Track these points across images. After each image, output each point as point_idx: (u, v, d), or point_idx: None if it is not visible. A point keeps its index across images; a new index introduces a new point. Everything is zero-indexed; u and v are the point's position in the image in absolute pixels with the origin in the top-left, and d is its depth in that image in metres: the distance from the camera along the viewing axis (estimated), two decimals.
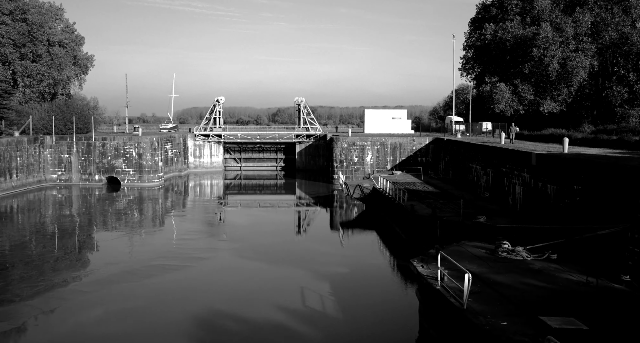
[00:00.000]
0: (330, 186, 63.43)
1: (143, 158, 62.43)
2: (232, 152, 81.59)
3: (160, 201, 57.98)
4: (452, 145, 56.99)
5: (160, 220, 47.92)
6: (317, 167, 78.37)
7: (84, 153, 62.26)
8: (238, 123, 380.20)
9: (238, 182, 77.75)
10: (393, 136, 63.81)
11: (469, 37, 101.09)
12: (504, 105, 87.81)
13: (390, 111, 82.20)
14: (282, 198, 66.63)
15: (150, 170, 62.75)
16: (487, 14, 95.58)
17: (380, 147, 62.84)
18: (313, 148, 78.51)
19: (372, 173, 62.76)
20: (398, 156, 62.81)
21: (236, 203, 64.44)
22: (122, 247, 35.26)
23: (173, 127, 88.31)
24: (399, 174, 54.63)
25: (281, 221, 46.76)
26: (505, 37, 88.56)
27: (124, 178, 62.48)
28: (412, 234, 34.49)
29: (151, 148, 62.78)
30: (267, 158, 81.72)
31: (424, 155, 62.73)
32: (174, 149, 73.39)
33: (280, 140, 78.83)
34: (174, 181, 71.60)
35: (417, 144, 62.81)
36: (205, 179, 76.35)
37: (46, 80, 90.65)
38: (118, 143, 62.39)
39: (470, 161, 50.92)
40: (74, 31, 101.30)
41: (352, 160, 62.69)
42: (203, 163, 78.77)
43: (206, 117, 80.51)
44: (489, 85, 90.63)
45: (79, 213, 50.81)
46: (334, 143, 63.17)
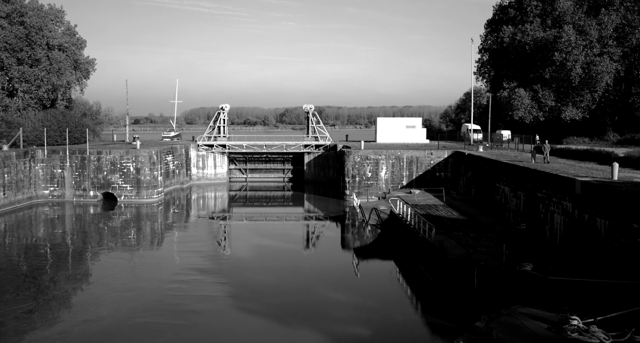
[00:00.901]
0: (341, 203, 58.20)
1: (141, 172, 57.40)
2: (237, 162, 76.50)
3: (159, 220, 52.99)
4: (474, 161, 51.62)
5: (156, 245, 42.96)
6: (326, 179, 73.13)
7: (78, 168, 57.31)
8: (245, 124, 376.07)
9: (243, 194, 72.74)
10: (409, 149, 58.44)
11: (485, 40, 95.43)
12: (524, 112, 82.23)
13: (404, 119, 76.74)
14: (290, 212, 61.65)
15: (149, 185, 57.73)
16: (505, 15, 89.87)
17: (395, 161, 57.53)
18: (322, 159, 73.26)
19: (387, 188, 57.53)
20: (415, 171, 57.51)
21: (241, 217, 59.78)
22: (106, 291, 30.11)
23: (176, 135, 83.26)
24: (418, 194, 49.39)
25: (289, 247, 41.55)
26: (525, 40, 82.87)
27: (120, 194, 57.49)
28: (442, 278, 29.23)
29: (150, 162, 57.73)
30: (274, 168, 76.55)
31: (443, 170, 57.38)
32: (175, 161, 68.32)
33: (288, 150, 73.61)
34: (176, 195, 66.62)
35: (435, 158, 57.44)
36: (209, 192, 71.35)
37: (45, 85, 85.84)
38: (114, 157, 57.37)
39: (497, 181, 45.59)
40: (75, 34, 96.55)
41: (365, 175, 57.43)
42: (206, 175, 73.70)
43: (210, 125, 75.36)
44: (507, 90, 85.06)
45: (70, 234, 46.44)
46: (345, 157, 57.92)
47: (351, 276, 35.19)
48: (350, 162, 57.65)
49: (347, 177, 57.88)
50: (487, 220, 39.15)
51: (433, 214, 39.84)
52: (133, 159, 57.34)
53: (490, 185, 46.83)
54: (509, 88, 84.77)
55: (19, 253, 40.30)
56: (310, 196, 67.01)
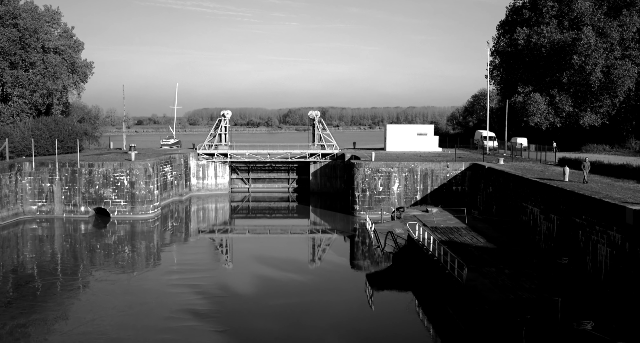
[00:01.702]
0: (350, 219, 53.45)
1: (136, 186, 52.72)
2: (240, 171, 71.80)
3: (154, 239, 48.43)
4: (495, 176, 46.82)
5: (149, 270, 38.28)
6: (333, 189, 68.38)
7: (68, 181, 52.65)
8: (248, 125, 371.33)
9: (246, 205, 68.13)
10: (424, 162, 53.62)
11: (497, 42, 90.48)
12: (540, 117, 77.33)
13: (415, 126, 71.89)
14: (295, 225, 57.19)
15: (144, 200, 53.06)
16: (519, 16, 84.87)
17: (408, 174, 52.76)
18: (329, 168, 68.51)
19: (400, 203, 52.79)
20: (429, 185, 52.75)
21: (244, 230, 55.44)
22: (90, 332, 25.43)
23: (175, 142, 78.54)
24: (436, 213, 44.63)
25: (294, 272, 36.84)
26: (541, 43, 77.88)
27: (113, 210, 52.84)
28: (477, 328, 24.50)
29: (145, 175, 53.06)
30: (278, 178, 71.83)
31: (460, 183, 52.61)
32: (174, 171, 63.66)
33: (293, 159, 68.88)
34: (174, 208, 62.00)
35: (451, 170, 52.64)
36: (210, 203, 66.72)
37: (40, 90, 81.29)
38: (107, 170, 52.70)
39: (524, 200, 40.80)
40: (72, 36, 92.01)
41: (376, 189, 52.68)
42: (207, 185, 69.00)
43: (210, 133, 70.64)
44: (521, 95, 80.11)
45: (57, 255, 42.21)
46: (355, 169, 53.17)
47: (365, 308, 30.61)
48: (360, 175, 52.91)
49: (356, 191, 53.14)
50: (518, 248, 34.36)
51: (457, 240, 35.10)
52: (127, 172, 52.68)
53: (516, 204, 42.05)
54: (523, 93, 79.86)
55: (3, 274, 35.84)
56: (316, 210, 62.25)
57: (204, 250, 46.38)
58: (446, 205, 52.11)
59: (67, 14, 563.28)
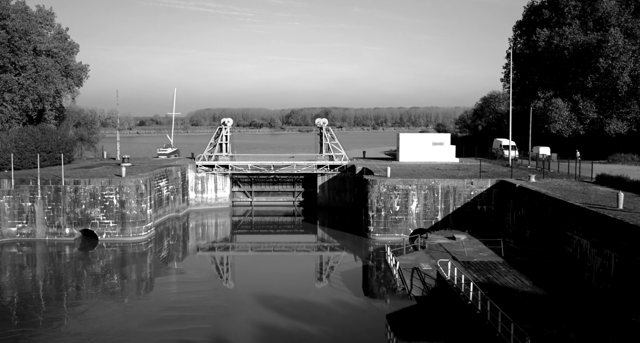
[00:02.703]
0: (364, 242, 47.43)
1: (126, 206, 46.77)
2: (242, 184, 65.77)
3: (147, 262, 42.67)
4: (529, 196, 40.78)
5: (140, 296, 32.39)
6: (342, 204, 62.34)
7: (52, 200, 46.70)
8: (251, 126, 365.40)
9: (248, 219, 62.29)
10: (445, 178, 47.55)
11: (514, 44, 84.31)
12: (562, 124, 71.21)
13: (430, 135, 65.74)
14: (301, 241, 51.60)
15: (136, 221, 47.11)
16: (538, 16, 78.58)
17: (428, 192, 46.73)
18: (338, 181, 62.47)
19: (418, 224, 46.80)
20: (451, 204, 46.73)
21: (246, 247, 50.17)
22: None
23: (173, 152, 72.47)
24: (465, 241, 38.62)
25: (302, 307, 30.99)
26: (563, 45, 71.63)
27: (102, 232, 46.88)
28: None
29: (137, 193, 47.08)
30: (282, 191, 65.79)
31: (485, 202, 46.58)
32: (170, 185, 57.68)
33: (299, 171, 62.84)
34: (170, 225, 56.09)
35: (476, 188, 46.60)
36: (209, 218, 60.83)
37: (30, 95, 75.38)
38: (94, 188, 46.72)
39: (568, 228, 34.75)
40: (66, 38, 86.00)
41: (392, 208, 46.67)
42: (206, 199, 62.98)
43: (210, 142, 64.57)
44: (542, 100, 74.02)
45: (39, 282, 37.07)
46: (369, 186, 47.16)
47: None
48: (375, 193, 46.89)
49: (370, 211, 47.11)
50: (573, 294, 28.37)
51: (497, 282, 29.15)
52: (117, 190, 46.71)
53: (557, 232, 36.01)
54: (544, 98, 73.74)
55: None
56: (324, 228, 56.20)
57: (201, 270, 41.22)
58: (470, 227, 46.14)
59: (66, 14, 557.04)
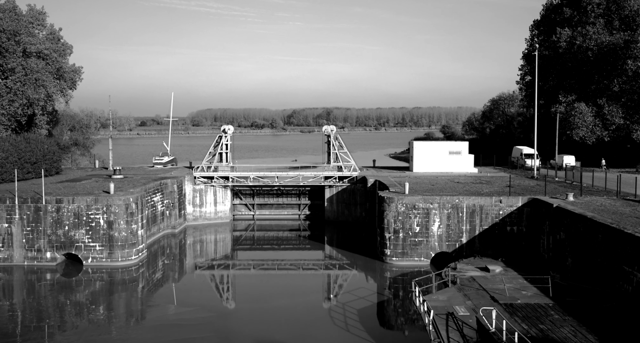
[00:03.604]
0: (379, 267, 41.82)
1: (114, 227, 41.21)
2: (243, 196, 60.17)
3: (137, 293, 37.16)
4: (571, 220, 35.19)
5: (129, 327, 27.09)
6: (352, 218, 56.76)
7: (31, 221, 41.13)
8: (253, 126, 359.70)
9: (250, 235, 56.87)
10: (470, 196, 41.91)
11: (531, 44, 78.65)
12: (585, 131, 65.56)
13: (447, 143, 60.05)
14: (306, 258, 46.14)
15: (125, 243, 41.56)
16: (559, 15, 72.81)
17: (452, 211, 41.16)
18: (347, 194, 56.88)
19: (440, 247, 41.24)
20: (477, 224, 41.17)
21: (248, 264, 46.11)
22: None
23: (170, 160, 66.79)
24: (501, 274, 33.04)
25: None
26: (587, 45, 65.91)
27: (87, 256, 41.32)
28: None
29: (126, 213, 41.51)
30: (287, 203, 60.17)
31: (516, 223, 41.00)
32: (165, 200, 52.12)
33: (305, 183, 57.25)
34: (166, 243, 50.60)
35: (505, 206, 41.02)
36: (208, 234, 55.36)
37: (19, 100, 69.92)
38: (79, 207, 41.15)
39: (626, 262, 29.13)
40: (59, 39, 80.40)
41: (411, 229, 41.12)
42: (205, 213, 57.37)
43: (209, 151, 58.91)
44: (563, 104, 68.37)
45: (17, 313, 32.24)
46: (385, 205, 41.58)
47: None
48: (392, 212, 41.31)
49: (387, 232, 41.55)
50: None
51: (554, 337, 23.61)
52: (104, 209, 41.14)
53: (611, 265, 30.44)
54: (565, 102, 68.08)
55: None
56: (333, 247, 50.62)
57: (199, 292, 36.66)
58: (499, 250, 40.59)
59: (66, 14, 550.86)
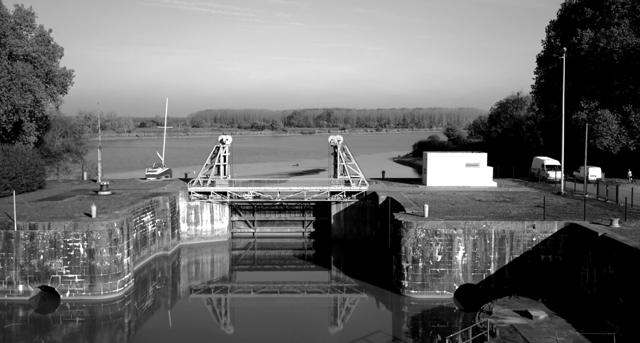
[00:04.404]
0: (394, 300, 36.46)
1: (96, 256, 35.81)
2: (243, 212, 54.70)
3: (121, 331, 31.93)
4: (622, 253, 29.78)
5: None
6: (361, 237, 51.37)
7: (1, 250, 35.68)
8: (253, 128, 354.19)
9: (250, 254, 51.65)
10: (500, 221, 36.45)
11: (548, 47, 73.22)
12: (610, 139, 60.13)
13: (463, 155, 54.57)
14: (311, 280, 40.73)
15: (109, 274, 36.15)
16: (579, 16, 67.27)
17: (478, 237, 35.81)
18: (356, 210, 51.47)
19: (465, 278, 35.87)
20: (507, 253, 35.80)
21: (247, 288, 41.21)
22: None
23: (164, 172, 61.26)
24: (545, 322, 27.65)
25: None
26: (611, 48, 60.49)
27: (65, 289, 35.89)
28: None
29: (109, 240, 36.11)
30: (290, 220, 54.73)
31: (551, 252, 35.60)
32: (157, 219, 46.71)
33: (310, 198, 51.84)
34: (157, 266, 45.26)
35: (539, 233, 35.66)
36: (205, 254, 50.06)
37: (4, 106, 64.51)
38: (56, 233, 35.73)
39: None
40: (50, 41, 74.96)
41: (432, 258, 35.77)
42: (201, 232, 51.92)
43: (206, 163, 53.45)
44: (585, 111, 62.96)
45: None
46: (402, 230, 36.20)
47: None
48: (411, 239, 35.92)
49: (404, 261, 36.16)
50: None
51: None
52: (84, 236, 35.72)
53: None
54: (588, 109, 62.63)
55: None
56: (340, 270, 45.37)
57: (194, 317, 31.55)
58: (532, 282, 35.25)
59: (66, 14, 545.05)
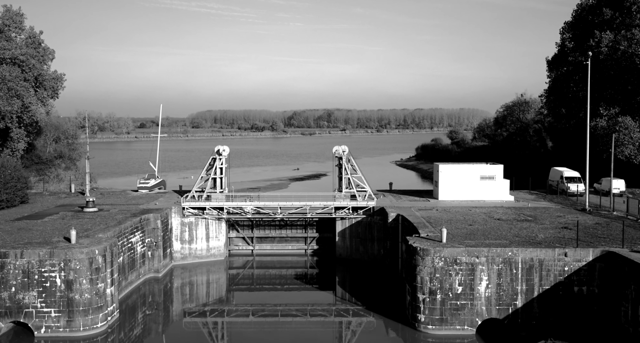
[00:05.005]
0: (409, 335, 32.21)
1: (75, 287, 31.52)
2: (241, 228, 50.34)
3: None
4: None
5: None
6: (368, 256, 47.03)
7: None
8: (253, 129, 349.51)
9: (249, 273, 47.43)
10: (527, 248, 32.18)
11: (560, 49, 68.83)
12: (632, 148, 55.79)
13: (478, 166, 50.14)
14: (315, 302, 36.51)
15: (89, 308, 31.84)
16: (597, 17, 62.92)
17: (503, 266, 31.55)
18: (363, 227, 47.14)
19: (489, 312, 31.59)
20: (536, 283, 31.52)
21: (246, 311, 37.19)
22: None
23: (157, 184, 56.73)
24: None
25: None
26: (633, 51, 56.09)
27: (39, 325, 31.58)
28: None
29: (90, 269, 31.81)
30: (292, 236, 50.37)
31: (586, 283, 31.33)
32: (147, 239, 42.38)
33: (313, 214, 47.52)
34: (147, 291, 40.91)
35: (571, 261, 31.38)
36: (199, 275, 45.80)
37: None
38: (29, 262, 31.41)
39: None
40: (40, 43, 70.80)
41: (452, 290, 31.52)
42: (195, 250, 47.55)
43: (201, 176, 49.05)
44: (604, 118, 58.63)
45: None
46: (418, 258, 31.93)
47: None
48: (428, 268, 31.63)
49: (420, 292, 31.88)
50: None
51: None
52: (61, 265, 31.42)
53: None
54: (607, 115, 58.28)
55: None
56: (346, 293, 41.04)
57: None
58: (564, 317, 30.97)
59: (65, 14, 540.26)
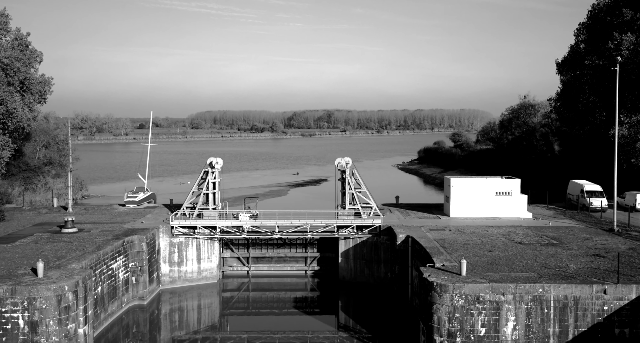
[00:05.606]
0: None
1: (40, 329, 27.08)
2: (235, 247, 45.79)
3: None
4: None
5: None
6: (374, 279, 42.52)
7: None
8: (252, 130, 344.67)
9: (244, 296, 43.08)
10: (560, 284, 27.76)
11: (574, 52, 64.33)
12: None
13: (493, 180, 45.58)
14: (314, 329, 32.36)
15: None
16: (616, 18, 58.42)
17: (533, 305, 27.18)
18: (368, 247, 42.65)
19: None
20: (571, 325, 27.15)
21: (240, 338, 35.00)
22: None
23: (146, 197, 52.07)
24: None
25: None
26: None
27: None
28: None
29: (58, 308, 27.37)
30: (291, 256, 45.87)
31: (628, 324, 26.96)
32: (130, 263, 37.94)
33: (314, 233, 43.03)
34: (130, 321, 36.48)
35: (611, 300, 27.03)
36: (190, 299, 41.38)
37: None
38: None
39: None
40: (27, 46, 66.21)
41: (474, 332, 27.14)
42: (185, 273, 43.00)
43: (192, 190, 44.55)
44: (625, 126, 54.24)
45: None
46: (435, 295, 27.55)
47: None
48: (446, 307, 27.20)
49: (437, 334, 27.45)
50: None
51: None
52: (24, 304, 26.96)
53: None
54: (628, 123, 53.82)
55: None
56: (349, 319, 36.63)
57: None
58: None
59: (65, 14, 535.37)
